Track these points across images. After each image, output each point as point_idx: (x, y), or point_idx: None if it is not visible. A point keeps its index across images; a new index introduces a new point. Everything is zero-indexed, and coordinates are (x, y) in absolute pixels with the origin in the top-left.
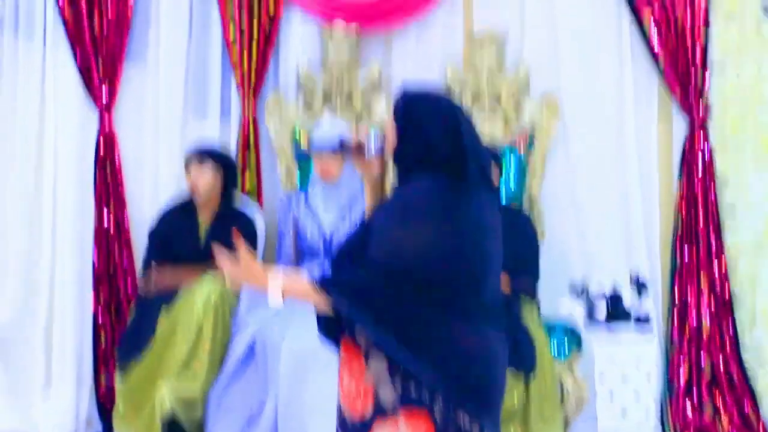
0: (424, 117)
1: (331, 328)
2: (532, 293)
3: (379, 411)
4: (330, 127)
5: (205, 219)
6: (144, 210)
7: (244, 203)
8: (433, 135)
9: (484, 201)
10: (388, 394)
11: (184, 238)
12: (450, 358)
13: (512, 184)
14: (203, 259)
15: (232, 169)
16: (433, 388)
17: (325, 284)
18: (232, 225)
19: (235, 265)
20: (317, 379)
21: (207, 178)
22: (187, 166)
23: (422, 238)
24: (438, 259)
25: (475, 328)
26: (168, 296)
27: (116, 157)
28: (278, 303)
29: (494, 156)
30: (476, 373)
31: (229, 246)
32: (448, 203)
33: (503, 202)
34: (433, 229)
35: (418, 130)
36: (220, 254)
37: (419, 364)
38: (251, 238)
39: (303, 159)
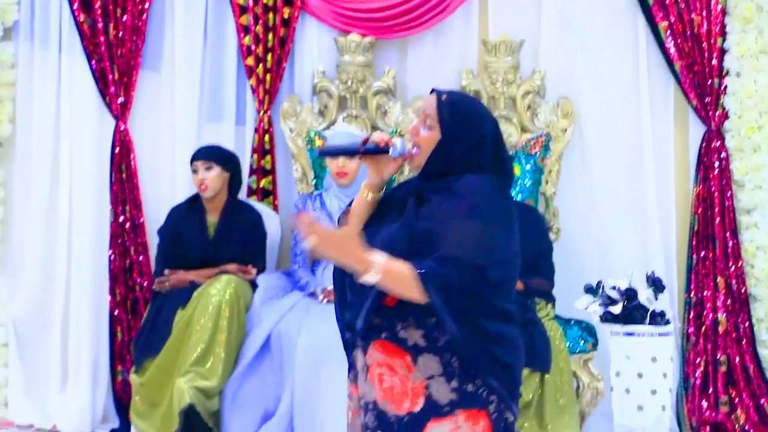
0: (476, 117)
1: (374, 326)
2: (548, 296)
3: (433, 409)
4: (346, 128)
5: (213, 216)
6: (161, 211)
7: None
8: (487, 135)
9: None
10: (443, 393)
11: (193, 235)
12: (512, 351)
13: (528, 184)
14: (212, 255)
15: (236, 166)
16: (496, 385)
17: (425, 276)
18: (239, 220)
19: (330, 235)
20: (333, 373)
21: (213, 176)
22: (193, 165)
23: (500, 234)
24: (510, 256)
25: (517, 321)
26: (183, 293)
27: (132, 160)
28: (374, 281)
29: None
30: (521, 365)
31: (238, 241)
32: (507, 200)
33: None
34: (504, 225)
35: (472, 130)
36: (309, 223)
37: (492, 358)
38: (260, 233)
39: (318, 162)
